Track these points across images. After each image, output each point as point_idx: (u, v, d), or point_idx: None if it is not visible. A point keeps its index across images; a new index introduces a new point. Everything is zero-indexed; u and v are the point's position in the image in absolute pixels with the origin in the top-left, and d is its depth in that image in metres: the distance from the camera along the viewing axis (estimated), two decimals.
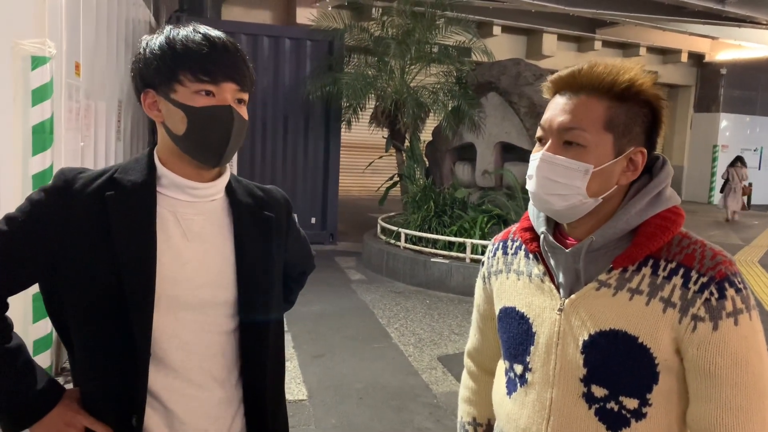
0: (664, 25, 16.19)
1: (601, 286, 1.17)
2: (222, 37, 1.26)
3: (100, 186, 1.26)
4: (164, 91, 1.25)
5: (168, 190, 1.29)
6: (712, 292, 1.09)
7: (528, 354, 1.26)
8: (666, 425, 1.15)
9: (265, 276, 1.38)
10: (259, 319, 1.36)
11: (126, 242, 1.22)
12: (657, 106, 1.18)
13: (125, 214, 1.24)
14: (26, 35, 3.93)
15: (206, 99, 1.23)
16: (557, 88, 1.21)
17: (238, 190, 1.41)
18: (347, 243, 10.36)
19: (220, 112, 1.24)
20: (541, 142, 1.21)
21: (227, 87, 1.25)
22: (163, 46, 1.24)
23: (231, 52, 1.26)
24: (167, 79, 1.24)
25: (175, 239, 1.28)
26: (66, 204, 1.23)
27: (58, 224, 1.22)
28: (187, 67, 1.22)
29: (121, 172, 1.29)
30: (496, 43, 14.49)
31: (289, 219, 1.54)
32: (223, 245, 1.33)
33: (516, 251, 1.36)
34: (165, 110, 1.26)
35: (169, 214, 1.29)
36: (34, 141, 4.00)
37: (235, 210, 1.37)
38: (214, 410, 1.32)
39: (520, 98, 8.68)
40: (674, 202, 1.20)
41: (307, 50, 10.06)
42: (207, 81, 1.23)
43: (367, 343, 5.59)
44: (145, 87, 1.28)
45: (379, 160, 11.00)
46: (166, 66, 1.23)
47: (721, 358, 1.09)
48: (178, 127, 1.25)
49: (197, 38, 1.24)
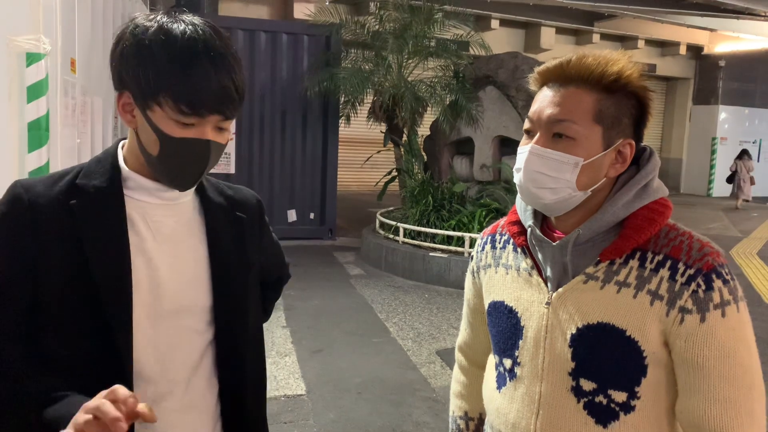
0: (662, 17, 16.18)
1: (588, 279, 1.17)
2: (217, 51, 1.12)
3: (63, 192, 1.17)
4: (140, 104, 1.14)
5: (135, 192, 1.21)
6: (699, 283, 1.09)
7: (517, 348, 1.25)
8: (655, 418, 1.15)
9: (241, 279, 1.31)
10: (236, 325, 1.29)
11: (98, 251, 1.14)
12: (644, 97, 1.18)
13: (94, 221, 1.16)
14: (21, 32, 3.92)
15: (184, 130, 1.13)
16: (545, 79, 1.20)
17: (208, 189, 1.33)
18: (346, 238, 10.36)
19: (196, 147, 1.14)
20: (529, 134, 1.21)
21: (211, 119, 1.14)
22: (148, 51, 1.10)
23: (225, 73, 1.12)
24: (145, 95, 1.12)
25: (145, 243, 1.20)
26: (31, 214, 1.14)
27: (29, 236, 1.13)
28: (169, 92, 1.09)
29: (83, 176, 1.20)
30: (494, 37, 14.49)
31: (261, 221, 1.46)
32: (195, 247, 1.26)
33: (504, 245, 1.36)
34: (139, 122, 1.16)
35: (138, 217, 1.21)
36: (29, 138, 4.00)
37: (206, 210, 1.30)
38: (193, 422, 1.25)
39: (518, 92, 8.67)
40: (662, 193, 1.20)
41: (305, 45, 10.04)
42: (189, 114, 1.11)
43: (365, 338, 5.60)
44: (122, 87, 1.16)
45: (378, 155, 10.99)
46: (146, 80, 1.10)
47: (709, 350, 1.09)
48: (150, 146, 1.16)
49: (188, 53, 1.10)
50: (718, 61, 20.35)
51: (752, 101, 21.19)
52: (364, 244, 8.98)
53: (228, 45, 1.16)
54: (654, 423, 1.15)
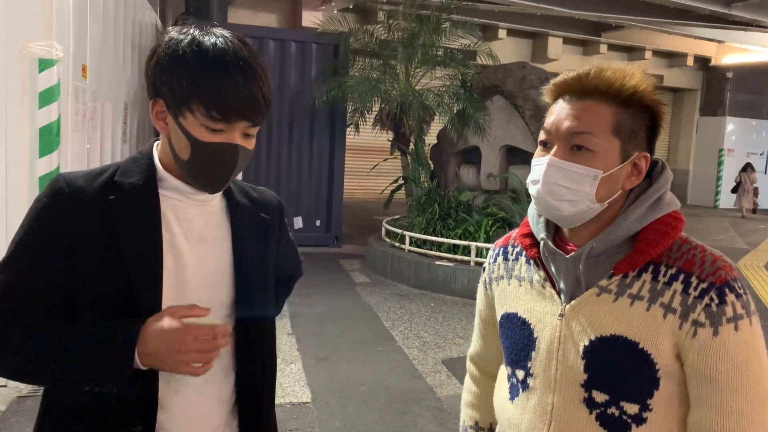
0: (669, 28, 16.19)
1: (601, 291, 1.18)
2: (242, 60, 1.18)
3: (102, 188, 1.23)
4: (173, 111, 1.20)
5: (168, 191, 1.28)
6: (712, 297, 1.10)
7: (529, 359, 1.26)
8: (667, 430, 1.15)
9: (262, 277, 1.38)
10: (255, 321, 1.36)
11: (133, 245, 1.21)
12: (657, 111, 1.19)
13: (130, 217, 1.22)
14: (34, 38, 3.96)
15: (214, 135, 1.19)
16: (561, 91, 1.21)
17: (235, 191, 1.40)
18: (352, 246, 10.36)
19: (225, 151, 1.21)
20: (545, 146, 1.21)
21: (239, 125, 1.20)
22: (182, 62, 1.17)
23: (253, 82, 1.19)
24: (178, 102, 1.19)
25: (176, 240, 1.27)
26: (72, 206, 1.20)
27: (69, 226, 1.19)
28: (201, 99, 1.16)
29: (121, 174, 1.27)
30: (501, 47, 14.52)
31: (282, 222, 1.53)
32: (221, 247, 1.33)
33: (516, 257, 1.36)
34: (172, 128, 1.23)
35: (170, 215, 1.27)
36: (41, 143, 4.03)
37: (233, 211, 1.36)
38: (211, 413, 1.32)
39: (525, 101, 8.68)
40: (674, 207, 1.21)
41: (313, 53, 10.08)
42: (219, 120, 1.17)
43: (371, 346, 5.60)
44: (156, 95, 1.23)
45: (384, 163, 11.00)
46: (179, 88, 1.17)
47: (722, 363, 1.09)
48: (182, 151, 1.22)
49: (218, 63, 1.17)
50: (725, 73, 20.34)
51: (760, 113, 21.16)
52: (370, 251, 8.99)
53: (255, 56, 1.23)
54: None
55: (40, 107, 4.01)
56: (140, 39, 7.14)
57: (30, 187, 4.01)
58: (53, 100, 4.04)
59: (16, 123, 4.00)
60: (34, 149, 4.03)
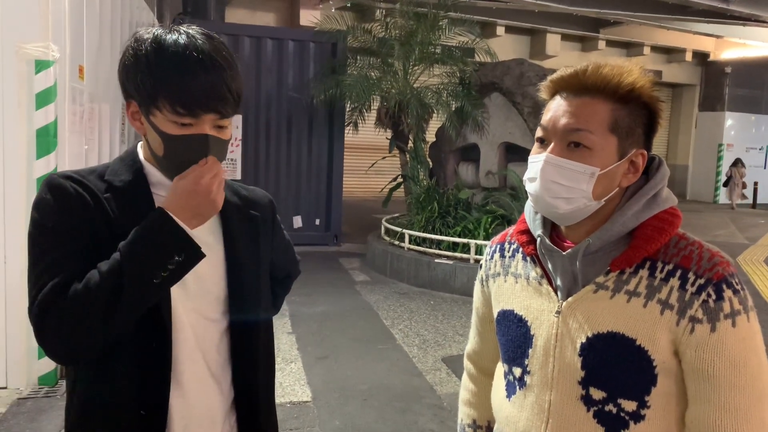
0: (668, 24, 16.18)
1: (598, 288, 1.17)
2: (206, 55, 1.20)
3: (95, 185, 1.26)
4: (144, 110, 1.24)
5: (157, 188, 1.31)
6: (709, 293, 1.09)
7: (526, 357, 1.25)
8: (665, 427, 1.15)
9: (254, 274, 1.40)
10: (249, 317, 1.37)
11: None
12: (655, 108, 1.18)
13: (126, 214, 1.24)
14: (30, 39, 3.95)
15: (182, 129, 1.22)
16: (558, 88, 1.20)
17: (225, 190, 1.38)
18: (351, 244, 10.36)
19: (194, 142, 1.22)
20: (542, 143, 1.20)
21: (207, 118, 1.22)
22: (144, 61, 1.20)
23: (213, 74, 1.20)
24: (146, 101, 1.22)
25: None
26: (79, 194, 1.23)
27: (85, 210, 1.22)
28: (165, 96, 1.19)
29: (110, 174, 1.30)
30: (499, 44, 14.51)
31: (273, 219, 1.55)
32: (213, 243, 1.34)
33: (513, 254, 1.36)
34: (146, 127, 1.26)
35: None
36: (38, 144, 4.03)
37: (223, 209, 1.36)
38: (210, 409, 1.34)
39: (524, 98, 8.67)
40: (671, 203, 1.20)
41: (311, 52, 10.08)
42: (184, 114, 1.20)
43: (371, 345, 5.60)
44: (128, 97, 1.27)
45: (383, 161, 11.00)
46: (145, 88, 1.21)
47: (719, 359, 1.09)
48: (157, 148, 1.26)
49: (180, 59, 1.19)
50: (724, 68, 20.34)
51: (759, 108, 21.15)
52: (370, 250, 8.99)
53: (220, 49, 1.24)
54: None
55: (36, 108, 4.01)
56: None
57: (27, 189, 4.00)
58: (50, 102, 4.04)
59: (12, 124, 4.00)
60: (31, 151, 4.02)
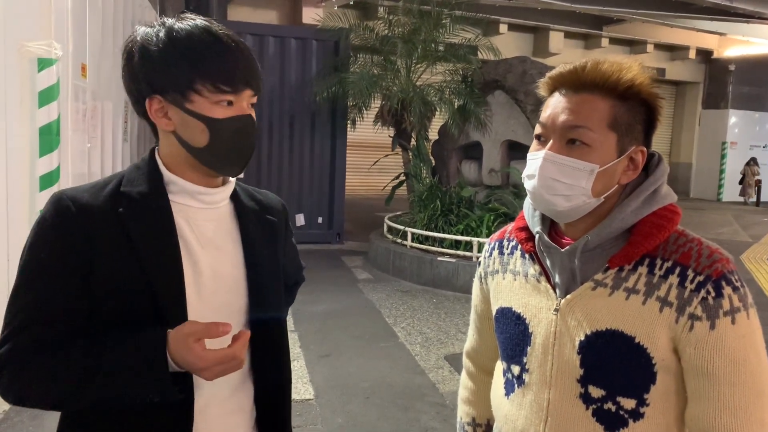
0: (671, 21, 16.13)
1: (597, 285, 1.17)
2: (230, 35, 1.19)
3: (109, 200, 1.20)
4: (177, 100, 1.17)
5: (178, 196, 1.25)
6: (708, 290, 1.09)
7: (525, 355, 1.25)
8: (664, 425, 1.15)
9: (274, 281, 1.36)
10: (270, 325, 1.33)
11: (152, 256, 1.18)
12: (654, 104, 1.17)
13: (145, 227, 1.19)
14: (32, 37, 3.96)
15: (226, 110, 1.18)
16: (557, 85, 1.19)
17: (241, 194, 1.38)
18: (354, 242, 10.36)
19: (243, 123, 1.20)
20: (541, 140, 1.20)
21: (245, 94, 1.20)
22: (170, 47, 1.16)
23: (244, 52, 1.20)
24: (182, 88, 1.16)
25: (191, 246, 1.23)
26: (82, 224, 1.16)
27: (83, 245, 1.15)
28: (206, 76, 1.15)
29: (126, 184, 1.23)
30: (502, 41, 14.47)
31: (287, 225, 1.50)
32: (233, 251, 1.30)
33: (512, 251, 1.35)
34: (178, 120, 1.19)
35: (182, 221, 1.24)
36: (41, 142, 4.03)
37: (241, 215, 1.34)
38: (230, 421, 1.28)
39: (527, 96, 8.66)
40: (670, 199, 1.20)
41: (313, 50, 10.07)
42: (229, 92, 1.17)
43: (373, 342, 5.60)
44: (151, 92, 1.19)
45: (385, 159, 11.00)
46: (181, 73, 1.16)
47: (719, 357, 1.08)
48: (197, 138, 1.19)
49: (208, 39, 1.17)
50: (727, 65, 20.27)
51: (762, 105, 21.08)
52: (372, 248, 8.99)
53: (244, 43, 1.23)
54: (663, 430, 1.15)
55: (39, 107, 4.01)
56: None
57: (30, 187, 4.01)
58: (53, 100, 4.04)
59: (15, 122, 4.00)
60: (34, 149, 4.03)
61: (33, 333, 1.11)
